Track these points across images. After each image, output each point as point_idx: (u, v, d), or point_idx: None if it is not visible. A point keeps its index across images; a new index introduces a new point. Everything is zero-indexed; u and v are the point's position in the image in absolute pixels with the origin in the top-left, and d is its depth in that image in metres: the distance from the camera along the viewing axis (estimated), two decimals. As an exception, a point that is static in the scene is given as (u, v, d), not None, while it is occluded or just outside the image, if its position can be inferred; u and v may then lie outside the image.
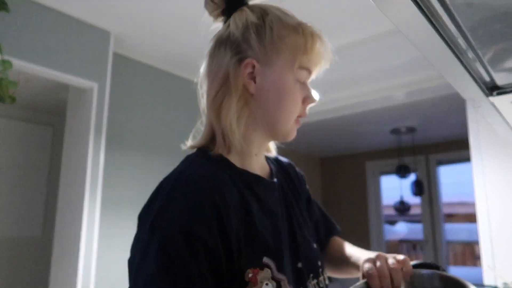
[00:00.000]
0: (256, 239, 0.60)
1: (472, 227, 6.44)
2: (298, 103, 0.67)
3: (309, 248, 0.71)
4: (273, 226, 0.64)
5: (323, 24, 2.47)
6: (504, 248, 2.02)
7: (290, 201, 0.73)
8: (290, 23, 0.68)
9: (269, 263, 0.59)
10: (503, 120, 1.28)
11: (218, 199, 0.58)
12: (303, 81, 0.68)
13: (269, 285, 0.57)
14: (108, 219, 2.66)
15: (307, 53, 0.67)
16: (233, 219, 0.58)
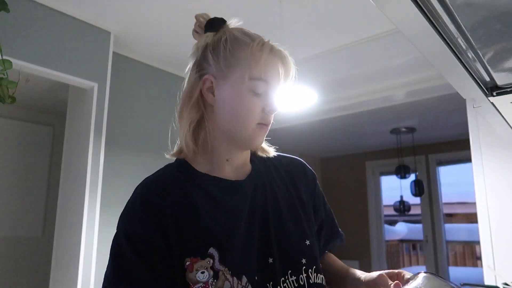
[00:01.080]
0: (201, 232, 0.68)
1: (472, 227, 6.45)
2: (253, 112, 0.73)
3: (289, 244, 0.74)
4: (226, 222, 0.71)
5: (323, 24, 2.47)
6: (504, 248, 2.02)
7: (272, 198, 0.77)
8: (243, 39, 0.74)
9: (213, 253, 0.67)
10: (503, 120, 1.28)
11: (154, 201, 0.69)
12: (260, 91, 0.73)
13: (205, 273, 0.65)
14: (108, 219, 2.65)
15: (257, 64, 0.72)
16: (170, 216, 0.68)
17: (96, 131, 2.45)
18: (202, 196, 0.72)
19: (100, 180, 2.44)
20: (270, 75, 0.73)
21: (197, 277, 0.66)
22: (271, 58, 0.73)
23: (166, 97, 3.21)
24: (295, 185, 0.83)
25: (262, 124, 0.74)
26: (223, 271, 0.67)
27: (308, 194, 0.85)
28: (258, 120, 0.74)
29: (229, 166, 0.77)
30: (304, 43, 2.77)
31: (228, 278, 0.67)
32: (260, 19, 2.44)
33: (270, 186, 0.79)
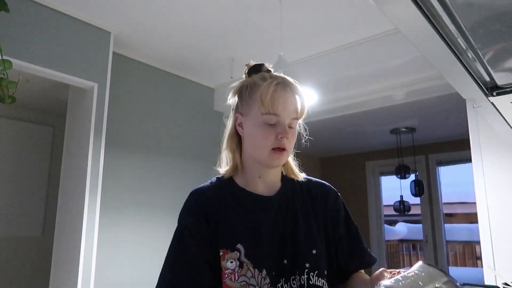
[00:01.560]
0: (232, 231, 0.89)
1: (472, 227, 6.44)
2: (267, 140, 0.90)
3: (300, 251, 0.91)
4: (253, 227, 0.90)
5: (323, 24, 2.46)
6: (504, 248, 2.02)
7: (292, 213, 0.96)
8: (257, 83, 0.93)
9: (240, 248, 0.87)
10: (503, 120, 1.28)
11: (205, 202, 0.93)
12: (273, 122, 0.90)
13: (233, 263, 0.86)
14: (108, 219, 2.65)
15: (265, 101, 0.89)
16: (212, 215, 0.90)
17: (96, 131, 2.44)
18: (236, 205, 0.93)
19: (100, 180, 2.44)
20: (279, 108, 0.89)
21: (227, 265, 0.86)
22: (278, 95, 0.90)
23: (166, 97, 3.20)
24: (314, 205, 1.00)
25: (276, 148, 0.91)
26: (246, 263, 0.86)
27: (326, 214, 1.01)
28: (273, 145, 0.91)
29: (261, 182, 0.97)
30: (304, 43, 2.77)
31: (250, 269, 0.86)
32: (260, 19, 2.44)
33: (293, 203, 0.97)
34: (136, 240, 2.80)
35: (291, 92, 0.92)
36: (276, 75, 0.96)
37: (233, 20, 2.46)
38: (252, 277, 0.85)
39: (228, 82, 3.37)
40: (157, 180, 3.00)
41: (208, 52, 2.88)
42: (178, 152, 3.19)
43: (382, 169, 5.95)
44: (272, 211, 0.94)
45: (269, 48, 2.75)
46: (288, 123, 0.91)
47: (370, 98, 3.09)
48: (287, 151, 0.93)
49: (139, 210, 2.86)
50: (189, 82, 3.40)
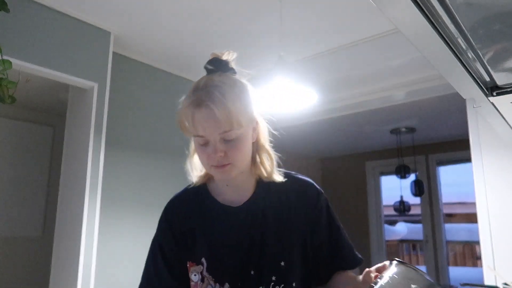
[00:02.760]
0: (197, 245, 0.91)
1: (472, 227, 6.44)
2: (204, 159, 0.88)
3: (266, 263, 0.89)
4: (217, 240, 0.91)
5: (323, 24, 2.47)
6: (504, 248, 2.02)
7: (262, 222, 0.92)
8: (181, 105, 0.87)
9: (204, 262, 0.90)
10: (503, 120, 1.28)
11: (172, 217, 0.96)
12: (203, 143, 0.86)
13: (197, 276, 0.89)
14: (108, 219, 2.65)
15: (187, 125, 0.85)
16: (180, 230, 0.94)
17: (96, 131, 2.44)
18: (203, 218, 0.94)
19: (100, 180, 2.44)
20: (199, 129, 0.83)
21: (192, 278, 0.90)
22: (192, 116, 0.83)
23: (166, 97, 3.20)
24: (290, 210, 0.94)
25: (215, 166, 0.87)
26: (207, 278, 0.88)
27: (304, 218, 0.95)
28: (211, 163, 0.87)
29: (230, 190, 0.95)
30: (304, 43, 2.77)
31: (211, 283, 0.88)
32: (260, 19, 2.44)
33: (263, 212, 0.93)
34: (136, 240, 2.80)
35: (208, 108, 0.81)
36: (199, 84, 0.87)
37: (233, 20, 2.46)
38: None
39: (228, 82, 3.37)
40: (157, 179, 3.00)
41: (208, 52, 2.88)
42: (178, 152, 3.18)
43: (382, 169, 5.96)
44: (239, 222, 0.92)
45: (269, 48, 2.75)
46: (222, 138, 0.84)
47: (370, 98, 3.10)
48: (232, 164, 0.86)
49: (139, 210, 2.86)
50: (189, 82, 3.40)
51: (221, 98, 0.82)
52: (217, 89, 0.83)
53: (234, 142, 0.85)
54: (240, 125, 0.84)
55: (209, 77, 0.88)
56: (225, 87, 0.85)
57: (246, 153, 0.89)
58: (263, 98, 2.22)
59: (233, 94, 0.84)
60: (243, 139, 0.87)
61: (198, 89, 0.85)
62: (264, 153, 0.95)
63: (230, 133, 0.83)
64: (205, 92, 0.83)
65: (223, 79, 0.87)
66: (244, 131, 0.86)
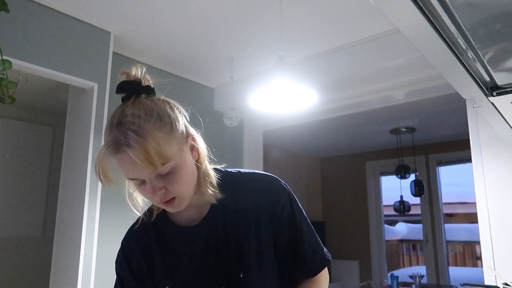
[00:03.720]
0: (157, 276, 0.89)
1: (472, 227, 6.44)
2: (148, 198, 0.81)
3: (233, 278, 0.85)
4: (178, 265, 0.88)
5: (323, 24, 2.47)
6: (504, 248, 2.02)
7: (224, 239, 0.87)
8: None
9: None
10: (503, 120, 1.28)
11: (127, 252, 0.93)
12: (139, 184, 0.78)
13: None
14: (108, 219, 2.65)
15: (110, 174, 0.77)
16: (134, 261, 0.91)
17: (96, 131, 2.44)
18: (160, 245, 0.91)
19: (100, 180, 2.43)
20: (130, 173, 0.75)
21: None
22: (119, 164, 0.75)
23: (166, 97, 3.20)
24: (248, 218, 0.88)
25: (161, 203, 0.80)
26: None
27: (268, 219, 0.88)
28: (156, 201, 0.80)
29: (191, 208, 0.88)
30: (304, 43, 2.77)
31: None
32: (260, 19, 2.44)
33: (222, 227, 0.87)
34: (136, 240, 2.80)
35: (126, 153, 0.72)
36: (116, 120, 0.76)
37: (233, 20, 2.46)
38: None
39: (228, 82, 3.37)
40: (157, 180, 3.00)
41: (208, 52, 2.88)
42: (178, 152, 3.18)
43: (382, 169, 5.95)
44: (198, 242, 0.87)
45: (269, 48, 2.75)
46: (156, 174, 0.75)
47: (370, 98, 3.10)
48: (177, 197, 0.79)
49: (139, 210, 2.86)
50: (189, 82, 3.40)
51: (137, 139, 0.72)
52: (131, 126, 0.73)
53: (171, 175, 0.77)
54: (168, 158, 0.75)
55: (122, 110, 0.77)
56: (140, 121, 0.74)
57: (188, 180, 0.80)
58: (263, 98, 2.22)
59: (151, 127, 0.74)
60: (180, 167, 0.78)
61: (112, 127, 0.75)
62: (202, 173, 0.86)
63: (162, 169, 0.74)
64: (119, 132, 0.73)
65: (135, 109, 0.76)
66: (177, 160, 0.77)
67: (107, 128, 0.77)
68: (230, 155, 3.58)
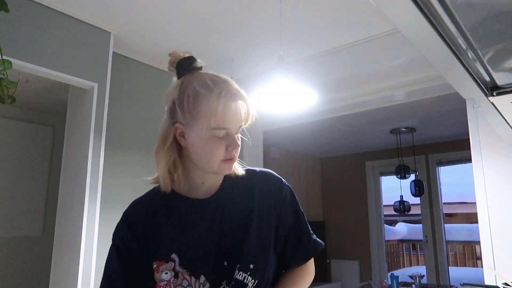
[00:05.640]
0: (164, 242, 0.89)
1: (472, 227, 6.45)
2: (216, 153, 0.86)
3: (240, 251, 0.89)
4: (186, 234, 0.90)
5: (323, 24, 2.46)
6: (504, 248, 2.02)
7: (230, 213, 0.93)
8: (202, 93, 0.85)
9: (174, 258, 0.87)
10: (503, 120, 1.28)
11: (134, 218, 0.93)
12: (221, 135, 0.85)
13: (168, 274, 0.85)
14: (108, 219, 2.65)
15: (214, 116, 0.84)
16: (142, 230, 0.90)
17: (96, 131, 2.44)
18: (169, 214, 0.92)
19: (100, 180, 2.44)
20: (228, 121, 0.85)
21: (162, 277, 0.85)
22: (227, 107, 0.84)
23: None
24: (254, 200, 0.95)
25: (226, 159, 0.88)
26: (182, 272, 0.86)
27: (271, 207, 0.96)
28: (222, 157, 0.87)
29: (203, 186, 0.94)
30: (304, 43, 2.77)
31: (186, 278, 0.86)
32: (260, 19, 2.44)
33: (231, 202, 0.94)
34: (136, 240, 2.80)
35: (238, 101, 0.86)
36: (216, 78, 0.88)
37: (233, 20, 2.46)
38: (188, 285, 0.85)
39: (228, 82, 3.37)
40: (157, 180, 3.00)
41: (208, 52, 2.88)
42: (178, 152, 3.19)
43: (382, 169, 5.95)
44: (208, 214, 0.92)
45: (269, 48, 2.75)
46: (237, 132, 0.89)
47: (370, 98, 3.10)
48: (236, 157, 0.91)
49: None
50: (189, 82, 3.40)
51: (247, 96, 0.88)
52: (232, 83, 0.88)
53: (238, 137, 0.89)
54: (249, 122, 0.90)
55: (217, 74, 0.91)
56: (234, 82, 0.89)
57: None
58: (263, 98, 2.22)
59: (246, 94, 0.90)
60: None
61: (216, 82, 0.87)
62: None
63: (240, 128, 0.89)
64: (232, 87, 0.87)
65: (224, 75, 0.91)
66: None
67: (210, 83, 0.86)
68: (230, 155, 3.58)
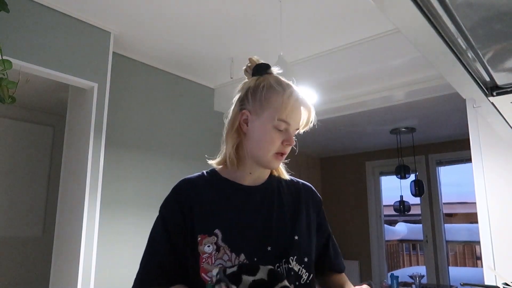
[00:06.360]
0: (209, 217, 0.94)
1: (472, 227, 6.44)
2: (274, 144, 0.95)
3: (284, 239, 0.96)
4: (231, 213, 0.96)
5: (323, 24, 2.46)
6: (504, 248, 2.02)
7: (278, 203, 1.01)
8: (277, 89, 0.97)
9: (217, 233, 0.92)
10: (503, 120, 1.28)
11: (183, 193, 0.99)
12: (282, 129, 0.95)
13: (210, 247, 0.90)
14: (108, 219, 2.66)
15: (284, 110, 0.94)
16: (189, 204, 0.95)
17: (96, 131, 2.44)
18: (217, 193, 0.99)
19: (100, 180, 2.44)
20: (293, 118, 0.96)
21: (205, 249, 0.90)
22: (296, 106, 0.96)
23: (166, 97, 3.21)
24: (300, 200, 1.05)
25: (279, 153, 0.97)
26: (223, 247, 0.90)
27: (314, 211, 1.07)
28: (276, 150, 0.96)
29: (250, 177, 1.01)
30: (304, 43, 2.77)
31: (227, 253, 0.90)
32: (260, 18, 2.44)
33: (278, 194, 1.02)
34: (136, 240, 2.80)
35: (305, 106, 0.99)
36: (289, 83, 1.01)
37: (233, 20, 2.46)
38: (228, 260, 0.90)
39: (228, 82, 3.37)
40: (157, 180, 3.00)
41: (208, 52, 2.88)
42: (178, 152, 3.19)
43: (382, 169, 5.95)
44: (255, 199, 0.99)
45: (269, 48, 2.75)
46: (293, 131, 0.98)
47: (370, 98, 3.10)
48: (286, 155, 1.00)
49: (139, 210, 2.86)
50: (189, 82, 3.40)
51: (311, 105, 1.01)
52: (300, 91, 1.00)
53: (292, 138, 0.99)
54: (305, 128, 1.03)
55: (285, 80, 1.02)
56: None
57: None
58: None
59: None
60: None
61: (291, 86, 0.99)
62: None
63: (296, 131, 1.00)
64: (300, 93, 0.99)
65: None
66: None
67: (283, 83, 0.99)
68: (230, 155, 3.58)
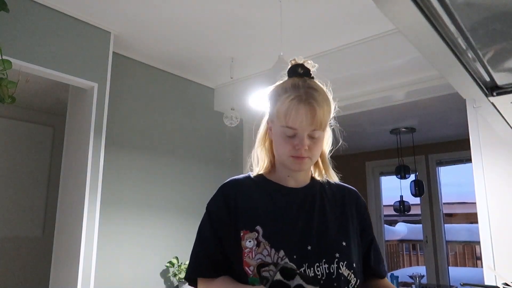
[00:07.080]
0: (252, 214, 0.99)
1: (472, 227, 6.44)
2: (285, 149, 0.98)
3: (327, 240, 0.98)
4: (273, 211, 1.00)
5: (323, 24, 2.46)
6: (504, 248, 2.02)
7: (320, 205, 1.03)
8: (277, 94, 1.00)
9: (258, 229, 0.96)
10: (503, 120, 1.28)
11: (229, 191, 1.04)
12: (289, 135, 0.97)
13: (251, 242, 0.95)
14: (108, 219, 2.65)
15: (284, 116, 0.96)
16: (234, 202, 1.01)
17: (96, 131, 2.44)
18: (260, 192, 1.04)
19: (100, 180, 2.44)
20: (296, 123, 0.95)
21: (247, 244, 0.95)
22: (292, 110, 0.95)
23: (166, 97, 3.20)
24: (344, 205, 1.07)
25: (295, 156, 0.98)
26: (263, 243, 0.94)
27: (358, 216, 1.08)
28: (291, 154, 0.98)
29: (291, 180, 1.05)
30: (304, 43, 2.77)
31: (267, 248, 0.94)
32: (260, 19, 2.44)
33: (320, 197, 1.05)
34: (136, 240, 2.80)
35: (308, 105, 0.95)
36: (301, 84, 0.99)
37: (233, 20, 2.46)
38: (268, 255, 0.93)
39: (228, 82, 3.37)
40: (157, 180, 3.00)
41: (208, 52, 2.88)
42: (178, 152, 3.19)
43: (382, 169, 5.95)
44: (296, 200, 1.02)
45: (269, 48, 2.75)
46: (308, 134, 0.96)
47: (370, 98, 3.09)
48: (310, 158, 0.99)
49: (139, 210, 2.86)
50: (189, 82, 3.40)
51: (320, 99, 0.96)
52: (316, 91, 0.97)
53: (316, 140, 0.98)
54: (325, 126, 1.00)
55: (304, 79, 1.00)
56: (321, 91, 0.99)
57: (320, 152, 1.04)
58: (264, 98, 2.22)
59: (325, 99, 0.98)
60: (322, 139, 1.01)
61: (297, 87, 0.97)
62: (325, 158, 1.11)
63: (315, 132, 0.97)
64: (306, 91, 0.96)
65: (315, 83, 1.01)
66: (324, 133, 1.01)
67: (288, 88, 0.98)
68: (230, 155, 3.58)
